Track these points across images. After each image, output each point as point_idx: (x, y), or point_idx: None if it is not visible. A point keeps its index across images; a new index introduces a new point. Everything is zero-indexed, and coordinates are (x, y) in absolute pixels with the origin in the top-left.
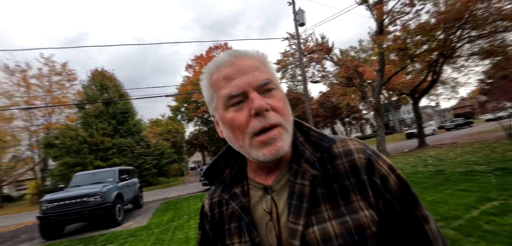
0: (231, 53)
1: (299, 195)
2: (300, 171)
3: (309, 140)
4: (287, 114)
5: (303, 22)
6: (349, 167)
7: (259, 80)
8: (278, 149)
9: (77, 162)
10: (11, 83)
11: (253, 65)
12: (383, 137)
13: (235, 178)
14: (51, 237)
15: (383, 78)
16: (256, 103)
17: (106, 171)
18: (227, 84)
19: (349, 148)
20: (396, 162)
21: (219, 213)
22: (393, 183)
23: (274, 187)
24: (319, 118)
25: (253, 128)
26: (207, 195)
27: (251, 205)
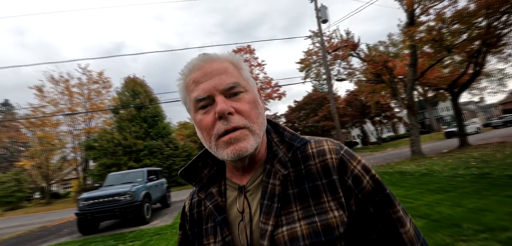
0: (201, 57)
1: (271, 195)
2: (273, 171)
3: (283, 140)
4: (254, 116)
5: (326, 18)
6: (321, 167)
7: (224, 84)
8: (240, 149)
9: (113, 163)
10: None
11: (221, 68)
12: (417, 137)
13: (212, 178)
14: (88, 232)
15: (415, 73)
16: (218, 106)
17: (136, 171)
18: (196, 87)
19: (323, 148)
20: (433, 164)
21: (198, 213)
22: (367, 183)
23: (248, 187)
24: (346, 118)
25: (218, 130)
26: (188, 196)
27: (226, 205)
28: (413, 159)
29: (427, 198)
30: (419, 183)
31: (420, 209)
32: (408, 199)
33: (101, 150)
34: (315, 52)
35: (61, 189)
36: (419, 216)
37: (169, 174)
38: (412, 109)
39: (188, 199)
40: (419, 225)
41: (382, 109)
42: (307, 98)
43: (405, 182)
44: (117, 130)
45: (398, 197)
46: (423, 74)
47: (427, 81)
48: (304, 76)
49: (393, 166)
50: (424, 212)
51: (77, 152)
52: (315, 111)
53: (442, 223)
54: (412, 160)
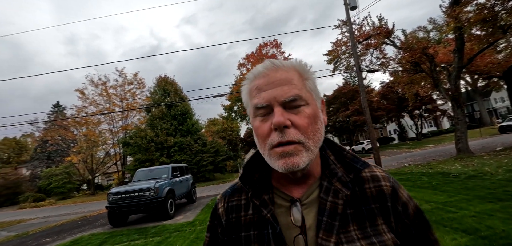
0: (267, 64)
1: (331, 212)
2: (332, 189)
3: (341, 160)
4: (311, 132)
5: (355, 5)
6: (376, 192)
7: (285, 96)
8: (292, 164)
9: (147, 158)
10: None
11: (285, 78)
12: (464, 132)
13: (262, 184)
14: (117, 224)
15: (462, 60)
16: (275, 119)
17: (161, 168)
18: (258, 94)
19: (376, 174)
20: (483, 164)
21: (236, 218)
22: (411, 210)
23: (303, 201)
24: (381, 112)
25: (272, 140)
26: (220, 197)
27: (276, 213)
28: (458, 158)
29: (475, 207)
30: (465, 187)
31: (465, 221)
32: (451, 207)
33: (136, 146)
34: (344, 42)
35: (105, 181)
36: (463, 231)
37: (197, 170)
38: (458, 101)
39: (222, 201)
40: (462, 243)
41: (422, 101)
42: (337, 91)
43: (447, 186)
44: (150, 127)
45: (437, 204)
46: (471, 60)
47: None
48: (333, 68)
49: (434, 165)
50: (470, 225)
51: (116, 148)
52: (346, 105)
53: (494, 242)
54: (457, 159)
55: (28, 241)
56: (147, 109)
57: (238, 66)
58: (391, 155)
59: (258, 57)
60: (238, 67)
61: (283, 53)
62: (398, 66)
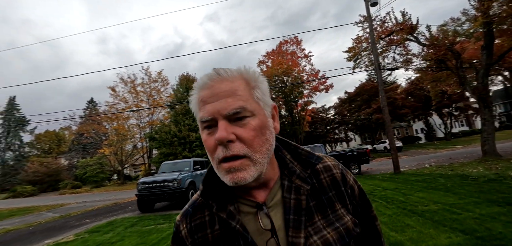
0: (212, 75)
1: (296, 209)
2: (293, 187)
3: (297, 157)
4: (258, 144)
5: (376, 1)
6: (330, 180)
7: (229, 108)
8: (238, 179)
9: (170, 152)
10: (126, 91)
11: (229, 90)
12: (491, 134)
13: (225, 195)
14: (145, 210)
15: (491, 57)
16: (218, 134)
17: (184, 161)
18: (202, 107)
19: (328, 164)
20: (509, 168)
21: (202, 238)
22: (357, 191)
23: (268, 204)
24: (406, 110)
25: (218, 155)
26: (180, 218)
27: (243, 222)
28: (483, 160)
29: (481, 210)
30: (480, 190)
31: (467, 222)
32: (457, 209)
33: (161, 140)
34: (365, 39)
35: (133, 172)
36: (461, 231)
37: None
38: (486, 100)
39: (183, 223)
40: (456, 242)
41: (451, 99)
42: (359, 88)
43: (462, 189)
44: (173, 123)
45: (445, 205)
46: (501, 57)
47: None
48: (353, 66)
49: (455, 167)
50: (470, 226)
51: (143, 141)
52: (368, 102)
53: (487, 242)
54: (482, 161)
55: (71, 221)
56: (171, 105)
57: (258, 63)
58: (414, 155)
59: (278, 54)
60: (258, 64)
61: (303, 50)
62: (422, 63)
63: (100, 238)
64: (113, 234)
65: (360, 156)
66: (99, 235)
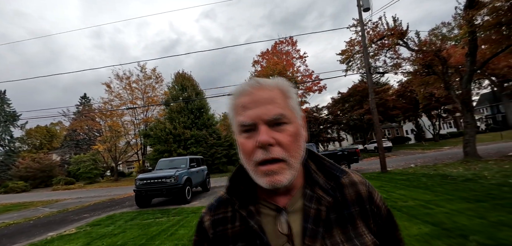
0: (252, 83)
1: (315, 219)
2: (315, 197)
3: (321, 168)
4: (294, 150)
5: (368, 6)
6: (355, 196)
7: (269, 115)
8: (276, 182)
9: (165, 149)
10: (121, 87)
11: (268, 97)
12: (472, 137)
13: (248, 195)
14: (143, 205)
15: (474, 63)
16: (260, 137)
17: (180, 159)
18: (243, 112)
19: (354, 180)
20: (485, 169)
21: (222, 231)
22: (384, 211)
23: (289, 209)
24: (397, 111)
25: (257, 157)
26: (206, 211)
27: (262, 223)
28: (464, 161)
29: (452, 206)
30: (456, 189)
31: (437, 216)
32: (431, 205)
33: (156, 137)
34: (358, 42)
35: (126, 169)
36: (431, 223)
37: (212, 162)
38: (468, 105)
39: (208, 215)
40: (425, 232)
41: (439, 102)
42: (352, 89)
43: (440, 187)
44: (168, 120)
45: (421, 202)
46: (484, 64)
47: (491, 72)
48: (346, 68)
49: (438, 167)
50: (439, 220)
51: (137, 138)
52: (360, 103)
53: (451, 233)
54: (462, 162)
55: (70, 215)
56: (166, 103)
57: (253, 63)
58: (403, 155)
59: (273, 54)
60: (253, 64)
61: (299, 51)
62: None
63: (102, 230)
64: (114, 227)
65: (350, 155)
66: (101, 228)
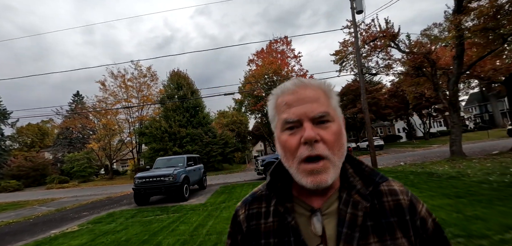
0: (296, 82)
1: (351, 224)
2: (351, 201)
3: (359, 173)
4: (337, 148)
5: (361, 9)
6: (394, 205)
7: (315, 112)
8: (320, 181)
9: (161, 148)
10: (116, 85)
11: (313, 96)
12: (458, 136)
13: (284, 193)
14: (141, 203)
15: (461, 66)
16: (307, 133)
17: (178, 157)
18: (287, 109)
19: (394, 188)
20: (468, 167)
21: (256, 226)
22: (430, 225)
23: (323, 211)
24: (389, 110)
25: (301, 154)
26: (241, 205)
27: (296, 222)
28: (450, 159)
29: (434, 202)
30: (440, 186)
31: None
32: None
33: (151, 136)
34: (351, 43)
35: (120, 167)
36: None
37: (207, 160)
38: (455, 105)
39: (243, 209)
40: None
41: (429, 101)
42: (346, 88)
43: (425, 184)
44: (164, 118)
45: None
46: (470, 67)
47: (478, 74)
48: (339, 69)
49: (426, 165)
50: None
51: (132, 136)
52: (353, 102)
53: None
54: (448, 160)
55: (69, 214)
56: (162, 101)
57: (248, 62)
58: (394, 153)
59: (268, 53)
60: (248, 63)
61: (293, 50)
62: (402, 68)
63: (104, 227)
64: (116, 224)
65: None
66: (103, 225)
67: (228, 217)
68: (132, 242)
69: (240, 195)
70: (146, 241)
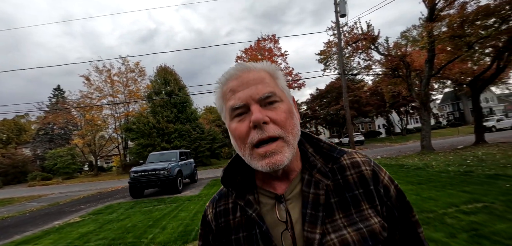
0: (238, 67)
1: (314, 204)
2: (313, 181)
3: (319, 151)
4: (290, 126)
5: (345, 13)
6: (357, 178)
7: (260, 93)
8: (276, 162)
9: (149, 144)
10: (101, 80)
11: (257, 78)
12: (428, 132)
13: (246, 184)
14: (137, 196)
15: (432, 69)
16: (254, 116)
17: (171, 152)
18: (232, 96)
19: (356, 160)
20: (434, 160)
21: (225, 223)
22: (393, 192)
23: (287, 196)
24: (370, 107)
25: (252, 139)
26: (209, 204)
27: (262, 212)
28: (420, 153)
29: None
30: (407, 175)
31: None
32: None
33: (139, 132)
34: (335, 44)
35: (104, 163)
36: None
37: (195, 155)
38: (426, 105)
39: (210, 208)
40: None
41: (406, 99)
42: (329, 86)
43: (395, 175)
44: (151, 114)
45: None
46: (440, 70)
47: (447, 77)
48: (323, 68)
49: (399, 159)
50: None
51: (118, 132)
52: (337, 99)
53: None
54: (419, 154)
55: (65, 207)
56: (149, 97)
57: (236, 59)
58: (373, 148)
59: (256, 50)
60: (236, 60)
61: (280, 49)
62: (381, 69)
63: (107, 217)
64: (117, 214)
65: None
66: (104, 215)
67: None
68: (138, 227)
69: None
70: (152, 226)
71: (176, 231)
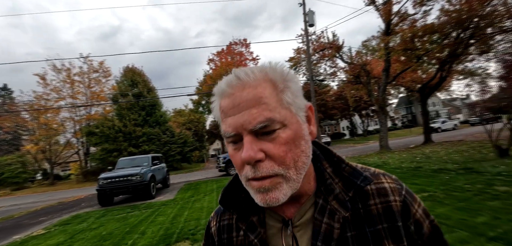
0: (232, 81)
1: (326, 237)
2: (328, 209)
3: (339, 173)
4: (291, 159)
5: (313, 23)
6: (382, 209)
7: (253, 123)
8: (270, 200)
9: (114, 148)
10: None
11: (252, 98)
12: (385, 133)
13: (251, 203)
14: (105, 204)
15: (388, 77)
16: (244, 153)
17: (143, 157)
18: (224, 119)
19: (383, 186)
20: (391, 158)
21: (228, 239)
22: (426, 229)
23: (296, 222)
24: (335, 111)
25: (246, 174)
26: (213, 215)
27: (267, 236)
28: (379, 152)
29: None
30: None
31: None
32: None
33: (103, 136)
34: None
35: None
36: None
37: (166, 160)
38: (383, 109)
39: (214, 220)
40: None
41: (367, 104)
42: None
43: None
44: (117, 117)
45: None
46: (394, 78)
47: (401, 84)
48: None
49: (360, 158)
50: None
51: (78, 137)
52: None
53: None
54: (377, 153)
55: (22, 220)
56: (115, 99)
57: (208, 61)
58: (338, 149)
59: (227, 54)
60: (208, 62)
61: (252, 53)
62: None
63: (77, 227)
64: (88, 224)
65: None
66: (73, 226)
67: (200, 207)
68: (115, 234)
69: (206, 190)
70: (130, 232)
71: (157, 234)
